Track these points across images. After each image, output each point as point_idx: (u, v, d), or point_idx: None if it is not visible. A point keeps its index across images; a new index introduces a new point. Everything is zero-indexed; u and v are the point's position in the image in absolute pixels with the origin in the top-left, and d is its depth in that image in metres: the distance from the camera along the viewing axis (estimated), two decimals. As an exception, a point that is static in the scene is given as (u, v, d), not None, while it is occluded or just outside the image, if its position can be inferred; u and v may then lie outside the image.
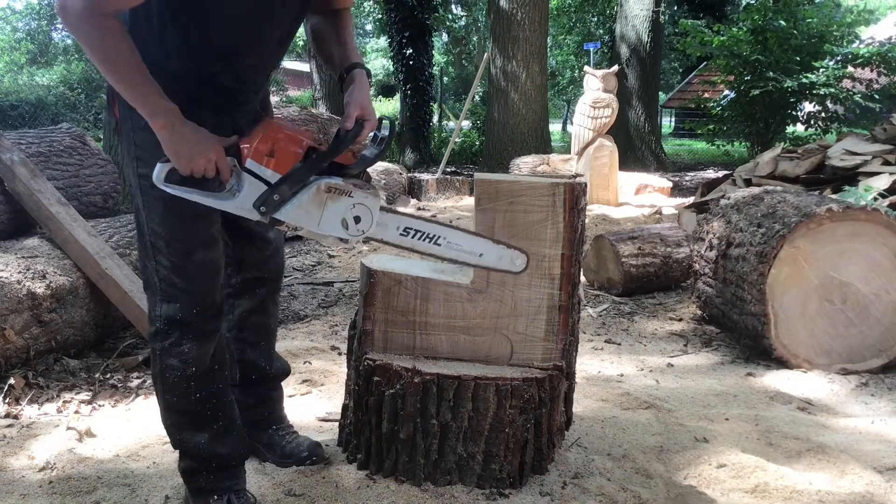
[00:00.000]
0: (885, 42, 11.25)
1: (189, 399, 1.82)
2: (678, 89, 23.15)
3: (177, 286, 1.76)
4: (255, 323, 2.13)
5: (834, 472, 2.17)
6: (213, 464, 1.86)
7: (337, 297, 4.37)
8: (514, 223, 1.98)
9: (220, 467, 1.87)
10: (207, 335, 1.81)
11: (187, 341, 1.78)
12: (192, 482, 1.88)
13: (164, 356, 1.80)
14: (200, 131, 1.64)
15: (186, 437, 1.85)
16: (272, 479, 2.06)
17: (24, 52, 22.80)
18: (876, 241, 3.12)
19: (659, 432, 2.42)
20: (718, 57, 11.30)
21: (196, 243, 1.76)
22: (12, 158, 3.20)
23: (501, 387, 1.92)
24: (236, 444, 1.90)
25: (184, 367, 1.79)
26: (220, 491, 1.86)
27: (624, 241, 4.46)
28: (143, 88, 1.58)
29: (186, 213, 1.73)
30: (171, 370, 1.80)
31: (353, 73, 1.82)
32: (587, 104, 8.08)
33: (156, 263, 1.77)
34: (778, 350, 3.14)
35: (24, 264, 2.95)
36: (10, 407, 2.61)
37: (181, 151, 1.62)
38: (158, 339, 1.80)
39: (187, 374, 1.80)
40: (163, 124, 1.60)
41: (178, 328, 1.78)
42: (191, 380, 1.80)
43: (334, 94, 13.93)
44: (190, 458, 1.88)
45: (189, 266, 1.76)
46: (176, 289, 1.77)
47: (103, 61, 1.56)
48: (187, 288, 1.77)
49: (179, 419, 1.86)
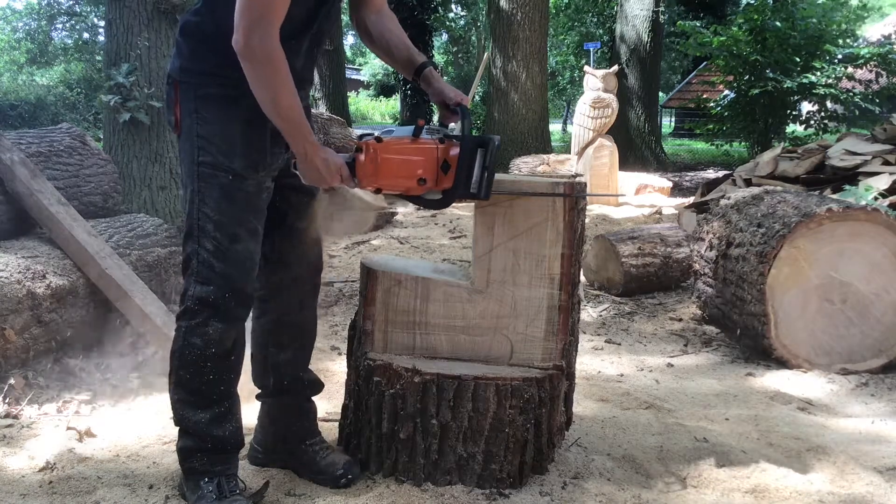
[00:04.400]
0: (883, 41, 11.25)
1: (201, 378, 1.91)
2: (678, 89, 23.15)
3: (214, 269, 1.87)
4: (290, 322, 2.14)
5: (834, 472, 2.17)
6: (209, 445, 1.92)
7: (337, 297, 4.37)
8: (514, 223, 1.98)
9: (216, 450, 1.93)
10: (233, 321, 1.91)
11: (214, 323, 1.88)
12: (187, 462, 1.95)
13: (188, 334, 1.90)
14: (329, 159, 1.82)
15: (189, 414, 1.93)
16: (272, 480, 2.06)
17: (24, 52, 22.79)
18: (876, 241, 3.12)
19: (659, 432, 2.42)
20: (718, 57, 11.30)
21: (243, 230, 1.89)
22: (12, 158, 3.20)
23: (501, 387, 1.92)
24: (234, 430, 1.96)
25: (204, 346, 1.88)
26: (212, 473, 1.92)
27: (624, 241, 4.46)
28: (299, 122, 1.80)
29: (240, 201, 1.88)
30: (191, 348, 1.89)
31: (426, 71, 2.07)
32: (587, 104, 8.08)
33: (198, 246, 1.88)
34: (778, 350, 3.14)
35: (24, 264, 2.95)
36: (10, 407, 2.61)
37: (313, 177, 1.84)
38: (186, 318, 1.90)
39: (206, 354, 1.89)
40: (301, 154, 1.82)
41: (207, 309, 1.88)
42: (208, 360, 1.89)
43: (334, 95, 13.96)
44: (188, 437, 1.94)
45: (231, 252, 1.88)
46: (213, 272, 1.87)
47: (277, 92, 1.75)
48: (224, 272, 1.88)
49: (187, 397, 1.93)
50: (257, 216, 1.93)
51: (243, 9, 1.70)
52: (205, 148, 1.87)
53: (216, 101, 1.87)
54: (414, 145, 1.86)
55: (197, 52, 1.88)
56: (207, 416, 1.92)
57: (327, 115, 7.63)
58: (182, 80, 1.90)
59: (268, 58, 1.72)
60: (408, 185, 1.86)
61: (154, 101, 4.22)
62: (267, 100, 1.76)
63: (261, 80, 1.75)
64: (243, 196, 1.88)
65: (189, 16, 1.94)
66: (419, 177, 1.84)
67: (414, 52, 2.10)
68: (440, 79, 2.07)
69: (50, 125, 5.01)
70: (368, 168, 1.83)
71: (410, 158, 1.84)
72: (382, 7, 2.13)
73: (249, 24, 1.70)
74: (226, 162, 1.87)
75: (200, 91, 1.88)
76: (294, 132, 1.80)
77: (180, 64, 1.91)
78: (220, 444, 1.93)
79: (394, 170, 1.83)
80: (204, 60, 1.86)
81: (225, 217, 1.87)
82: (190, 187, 1.91)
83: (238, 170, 1.87)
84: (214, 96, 1.87)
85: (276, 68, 1.73)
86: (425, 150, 1.85)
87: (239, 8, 1.71)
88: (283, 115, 1.78)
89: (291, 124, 1.79)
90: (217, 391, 1.93)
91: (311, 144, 1.81)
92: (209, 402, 1.92)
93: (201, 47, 1.87)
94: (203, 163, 1.88)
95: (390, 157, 1.83)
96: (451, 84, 2.15)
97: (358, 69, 38.44)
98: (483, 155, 1.86)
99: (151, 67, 4.29)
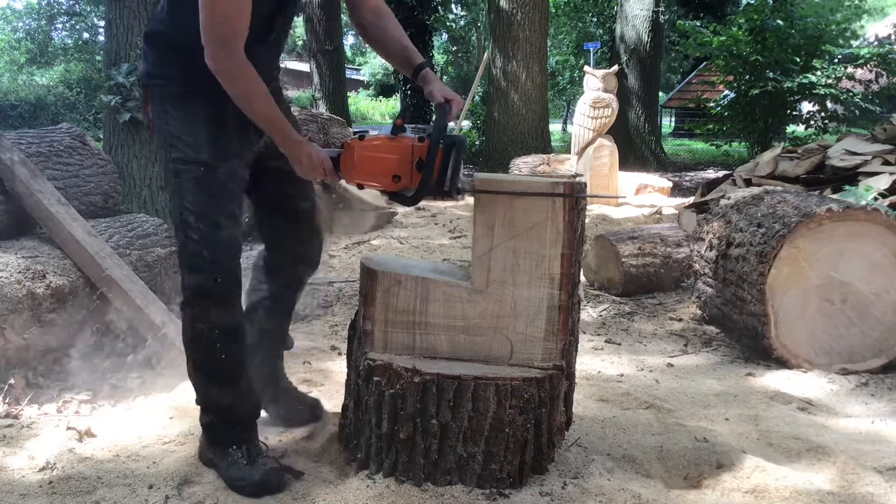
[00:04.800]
0: (883, 41, 11.24)
1: (216, 359, 2.08)
2: (678, 89, 23.14)
3: (204, 258, 2.02)
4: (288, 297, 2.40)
5: (834, 472, 2.16)
6: (233, 417, 2.11)
7: (337, 297, 4.37)
8: (514, 223, 1.98)
9: (239, 421, 2.12)
10: (229, 303, 2.07)
11: (213, 308, 2.05)
12: (213, 434, 2.13)
13: (194, 322, 2.07)
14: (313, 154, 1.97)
15: (212, 393, 2.11)
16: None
17: (24, 52, 22.79)
18: (876, 241, 3.12)
19: (659, 432, 2.42)
20: (718, 57, 11.29)
21: (222, 217, 2.03)
22: (12, 158, 3.20)
23: (501, 387, 1.92)
24: (253, 401, 2.17)
25: (211, 330, 2.05)
26: (238, 441, 2.10)
27: (624, 241, 4.46)
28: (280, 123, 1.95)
29: (215, 190, 2.02)
30: (200, 334, 2.07)
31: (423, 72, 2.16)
32: (587, 104, 8.08)
33: (185, 238, 2.03)
34: (778, 350, 3.14)
35: (24, 264, 2.95)
36: (10, 407, 2.61)
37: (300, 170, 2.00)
38: (188, 307, 2.08)
39: (214, 337, 2.06)
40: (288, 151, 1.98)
41: (204, 296, 2.04)
42: (217, 342, 2.06)
43: (334, 95, 13.96)
44: (213, 413, 2.13)
45: (216, 238, 2.02)
46: (203, 260, 2.02)
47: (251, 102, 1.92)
48: (213, 258, 2.02)
49: (206, 378, 2.11)
50: (234, 202, 2.08)
51: (207, 33, 1.86)
52: (175, 145, 2.02)
53: (179, 99, 2.02)
54: (391, 143, 1.96)
55: (162, 57, 2.04)
56: (227, 393, 2.10)
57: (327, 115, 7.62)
58: (150, 83, 2.07)
59: (239, 74, 1.89)
60: (384, 182, 1.98)
61: (154, 101, 4.21)
62: (246, 108, 1.94)
63: (236, 94, 1.92)
64: (218, 185, 2.02)
65: (154, 24, 2.12)
66: (394, 174, 1.95)
67: (412, 53, 2.20)
68: (435, 79, 2.16)
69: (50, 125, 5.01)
70: (348, 164, 1.95)
71: (386, 156, 1.95)
72: (378, 7, 2.23)
73: (215, 48, 1.87)
74: (195, 155, 2.01)
75: (165, 91, 2.04)
76: (275, 132, 1.97)
77: (147, 69, 2.08)
78: (241, 416, 2.12)
79: (371, 166, 1.95)
80: (168, 65, 2.02)
81: (204, 208, 2.01)
82: (170, 184, 2.06)
83: (207, 161, 2.01)
84: (178, 95, 2.02)
85: (247, 82, 1.90)
86: (400, 149, 1.95)
87: (203, 31, 1.86)
88: (262, 118, 1.95)
89: (271, 125, 1.96)
90: (231, 369, 2.10)
91: (293, 141, 1.97)
92: (228, 379, 2.10)
93: (166, 53, 2.03)
94: (175, 159, 2.03)
95: (367, 155, 1.95)
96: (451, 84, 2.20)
97: (358, 69, 38.45)
98: (453, 154, 1.93)
99: (151, 67, 4.29)
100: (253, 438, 2.13)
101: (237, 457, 2.07)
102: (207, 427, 2.15)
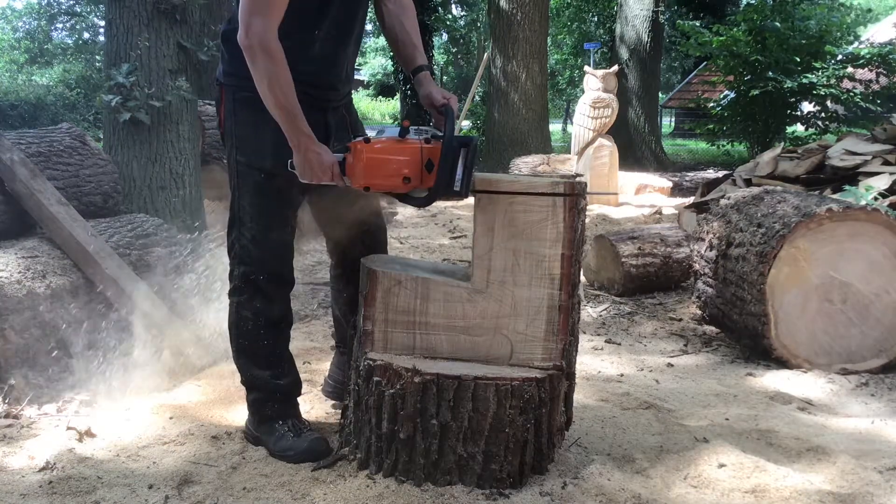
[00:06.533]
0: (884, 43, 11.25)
1: (259, 344, 2.21)
2: (678, 89, 23.15)
3: (252, 254, 2.14)
4: None
5: (834, 472, 2.16)
6: (278, 394, 2.24)
7: (337, 297, 4.36)
8: (514, 223, 1.98)
9: (284, 399, 2.26)
10: (274, 298, 2.19)
11: (258, 299, 2.17)
12: (260, 412, 2.25)
13: (239, 308, 2.20)
14: (323, 155, 1.96)
15: (256, 373, 2.24)
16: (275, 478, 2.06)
17: (24, 52, 22.78)
18: (876, 241, 3.12)
19: (659, 432, 2.42)
20: (718, 57, 11.29)
21: (275, 222, 2.14)
22: (12, 158, 3.20)
23: (501, 387, 1.92)
24: (295, 380, 2.30)
25: (255, 318, 2.18)
26: (284, 417, 2.23)
27: (624, 241, 4.46)
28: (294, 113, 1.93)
29: (272, 196, 2.12)
30: (244, 320, 2.20)
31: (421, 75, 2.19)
32: (587, 104, 8.08)
33: (239, 234, 2.15)
34: (778, 350, 3.14)
35: (24, 264, 2.95)
36: (10, 407, 2.61)
37: (305, 172, 1.98)
38: (235, 295, 2.21)
39: (258, 323, 2.19)
40: (296, 145, 1.95)
41: (250, 287, 2.17)
42: (260, 328, 2.19)
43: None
44: (258, 391, 2.26)
45: (266, 241, 2.13)
46: (251, 257, 2.14)
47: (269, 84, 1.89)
48: (260, 257, 2.14)
49: (249, 360, 2.24)
50: (290, 208, 2.17)
51: (244, 4, 1.87)
52: (240, 148, 2.12)
53: (250, 104, 2.03)
54: (399, 145, 1.95)
55: (236, 58, 2.00)
56: (269, 374, 2.23)
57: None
58: (225, 83, 2.12)
59: (264, 50, 1.86)
60: (393, 184, 1.96)
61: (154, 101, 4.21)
62: (264, 90, 1.91)
63: (258, 72, 1.89)
64: (275, 191, 2.11)
65: (227, 24, 2.12)
66: (404, 175, 1.94)
67: (417, 53, 2.22)
68: (431, 82, 2.18)
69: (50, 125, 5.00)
70: (356, 167, 1.92)
71: (395, 158, 1.94)
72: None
73: (248, 19, 1.86)
74: (258, 162, 2.09)
75: (238, 94, 2.09)
76: (288, 123, 1.94)
77: (223, 68, 2.13)
78: (287, 394, 2.26)
79: (380, 169, 1.93)
80: (241, 66, 1.98)
81: (259, 210, 2.12)
82: (232, 180, 2.16)
83: (269, 168, 2.08)
84: (248, 100, 2.03)
85: (272, 60, 1.87)
86: (410, 150, 1.95)
87: (241, 4, 1.87)
88: (278, 104, 1.92)
89: (286, 115, 1.93)
90: (274, 353, 2.24)
91: (307, 137, 1.95)
92: (271, 360, 2.23)
93: (238, 53, 1.97)
94: (240, 161, 2.13)
95: (376, 157, 1.92)
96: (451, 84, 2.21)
97: (358, 69, 38.42)
98: (465, 155, 1.92)
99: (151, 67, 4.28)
100: (297, 414, 2.28)
101: (283, 430, 2.19)
102: (253, 404, 2.26)
